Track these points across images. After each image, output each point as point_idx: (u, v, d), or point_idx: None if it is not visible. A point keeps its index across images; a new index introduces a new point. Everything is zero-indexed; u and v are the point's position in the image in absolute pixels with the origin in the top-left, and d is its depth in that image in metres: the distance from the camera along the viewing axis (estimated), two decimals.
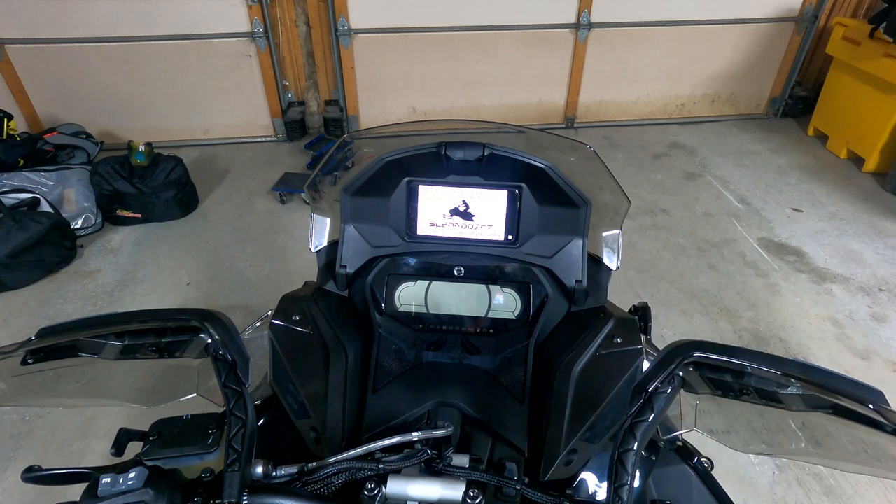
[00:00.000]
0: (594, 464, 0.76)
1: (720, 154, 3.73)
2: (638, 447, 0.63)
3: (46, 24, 3.26)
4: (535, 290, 0.88)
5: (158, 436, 0.65)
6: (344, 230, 0.92)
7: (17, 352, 0.70)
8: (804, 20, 3.85)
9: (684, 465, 0.81)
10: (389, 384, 0.85)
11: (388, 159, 0.87)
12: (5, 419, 1.90)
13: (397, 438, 0.66)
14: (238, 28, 3.46)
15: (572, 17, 3.66)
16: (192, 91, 3.65)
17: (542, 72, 3.86)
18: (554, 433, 0.74)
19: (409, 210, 0.91)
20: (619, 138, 3.95)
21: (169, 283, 2.55)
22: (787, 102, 4.14)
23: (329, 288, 0.93)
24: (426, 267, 0.91)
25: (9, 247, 2.40)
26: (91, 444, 1.81)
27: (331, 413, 0.77)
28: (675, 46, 3.87)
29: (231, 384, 0.66)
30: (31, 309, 2.40)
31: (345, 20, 3.46)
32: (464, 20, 3.58)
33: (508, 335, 0.88)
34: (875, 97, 3.25)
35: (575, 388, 0.75)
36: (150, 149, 2.91)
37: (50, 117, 3.54)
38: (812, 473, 1.73)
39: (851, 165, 3.51)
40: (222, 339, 0.68)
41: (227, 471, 0.59)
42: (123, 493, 0.55)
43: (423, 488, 0.64)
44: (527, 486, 0.65)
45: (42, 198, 2.69)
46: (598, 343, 0.77)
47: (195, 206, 3.11)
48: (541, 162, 0.85)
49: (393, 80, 3.76)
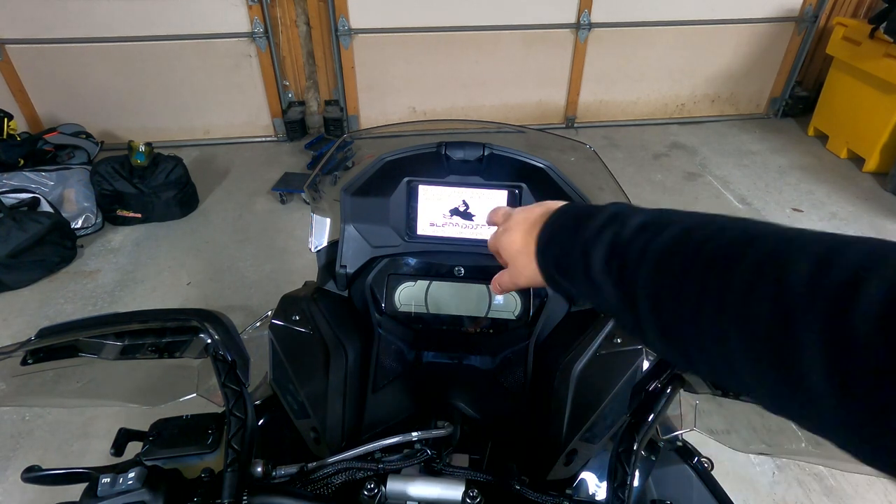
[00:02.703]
0: (594, 464, 0.76)
1: (720, 154, 3.73)
2: (638, 447, 0.63)
3: (46, 24, 3.26)
4: (535, 290, 0.88)
5: (158, 436, 0.65)
6: (344, 230, 0.92)
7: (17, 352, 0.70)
8: (804, 20, 3.85)
9: (684, 465, 0.81)
10: (389, 384, 0.85)
11: (388, 159, 0.87)
12: (5, 419, 1.90)
13: (397, 438, 0.66)
14: (238, 28, 3.45)
15: (572, 17, 3.66)
16: (192, 91, 3.65)
17: (542, 72, 3.86)
18: (554, 433, 0.74)
19: (409, 210, 0.91)
20: (620, 138, 3.95)
21: (169, 283, 2.55)
22: (787, 102, 4.14)
23: (329, 288, 0.93)
24: (426, 267, 0.91)
25: (9, 247, 2.40)
26: (91, 444, 1.81)
27: (331, 413, 0.77)
28: (676, 46, 3.87)
29: (231, 384, 0.66)
30: (31, 309, 2.40)
31: (345, 20, 3.45)
32: (464, 20, 3.58)
33: (508, 335, 0.88)
34: (875, 97, 3.25)
35: (575, 388, 0.75)
36: (151, 149, 2.91)
37: (50, 117, 3.54)
38: (812, 473, 1.73)
39: (851, 165, 3.51)
40: (222, 339, 0.68)
41: (227, 471, 0.59)
42: (123, 493, 0.55)
43: (422, 488, 0.64)
44: (527, 486, 0.65)
45: (42, 198, 2.69)
46: (597, 343, 0.77)
47: (195, 206, 3.11)
48: (541, 162, 0.85)
49: (393, 80, 3.76)
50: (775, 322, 0.27)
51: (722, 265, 0.32)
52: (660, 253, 0.37)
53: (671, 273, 0.35)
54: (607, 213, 0.44)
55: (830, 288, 0.25)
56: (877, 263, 0.25)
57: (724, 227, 0.35)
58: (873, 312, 0.24)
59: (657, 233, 0.38)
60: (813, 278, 0.27)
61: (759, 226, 0.34)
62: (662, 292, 0.36)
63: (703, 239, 0.35)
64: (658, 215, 0.41)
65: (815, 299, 0.26)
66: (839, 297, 0.25)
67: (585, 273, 0.43)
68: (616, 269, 0.40)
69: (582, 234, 0.44)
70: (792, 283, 0.27)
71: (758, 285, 0.29)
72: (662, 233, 0.38)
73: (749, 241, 0.32)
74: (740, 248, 0.32)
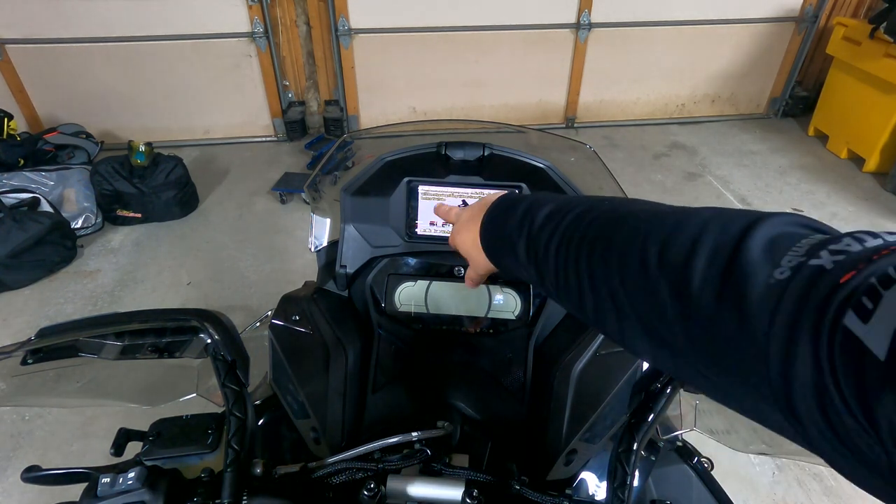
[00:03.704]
0: (594, 464, 0.76)
1: (720, 154, 3.73)
2: (637, 447, 0.63)
3: (46, 24, 3.26)
4: (535, 289, 0.88)
5: (158, 436, 0.65)
6: (344, 230, 0.92)
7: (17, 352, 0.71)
8: (804, 20, 3.85)
9: (684, 465, 0.81)
10: (389, 384, 0.85)
11: (388, 159, 0.87)
12: (5, 419, 1.90)
13: (397, 438, 0.66)
14: (238, 28, 3.46)
15: (572, 17, 3.66)
16: (192, 91, 3.65)
17: (542, 72, 3.86)
18: (554, 433, 0.74)
19: (409, 210, 0.91)
20: (620, 138, 3.95)
21: (169, 283, 2.55)
22: (787, 102, 4.14)
23: (329, 288, 0.93)
24: (426, 267, 0.91)
25: (9, 247, 2.40)
26: (91, 444, 1.81)
27: (331, 413, 0.77)
28: (676, 46, 3.87)
29: (231, 384, 0.66)
30: (31, 309, 2.40)
31: (345, 20, 3.46)
32: (464, 20, 3.58)
33: (508, 335, 0.88)
34: (875, 97, 3.25)
35: (575, 388, 0.75)
36: (151, 149, 2.91)
37: (50, 117, 3.54)
38: (812, 473, 1.73)
39: (852, 165, 3.51)
40: (222, 339, 0.68)
41: (227, 471, 0.59)
42: (123, 493, 0.55)
43: (422, 488, 0.64)
44: (527, 486, 0.65)
45: (42, 198, 2.69)
46: (597, 343, 0.77)
47: (195, 206, 3.11)
48: (541, 162, 0.85)
49: (393, 80, 3.76)
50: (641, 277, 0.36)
51: (602, 242, 0.41)
52: (560, 237, 0.45)
53: (568, 249, 0.44)
54: (523, 208, 0.51)
55: (675, 257, 0.34)
56: (705, 232, 0.33)
57: (607, 209, 0.43)
58: (700, 273, 0.32)
59: (559, 221, 0.46)
60: (661, 251, 0.35)
61: (632, 205, 0.42)
62: (567, 264, 0.44)
63: (589, 221, 0.43)
64: (562, 204, 0.48)
65: (665, 265, 0.35)
66: (680, 264, 0.33)
67: (517, 261, 0.51)
68: (533, 255, 0.48)
69: (507, 228, 0.52)
70: (649, 254, 0.36)
71: (627, 254, 0.38)
72: (563, 221, 0.46)
73: (621, 220, 0.41)
74: (615, 227, 0.41)
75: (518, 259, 0.50)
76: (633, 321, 0.38)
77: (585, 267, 0.42)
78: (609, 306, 0.40)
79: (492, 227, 0.56)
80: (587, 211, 0.44)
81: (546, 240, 0.46)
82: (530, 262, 0.49)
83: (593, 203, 0.45)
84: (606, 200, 0.45)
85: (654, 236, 0.36)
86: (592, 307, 0.42)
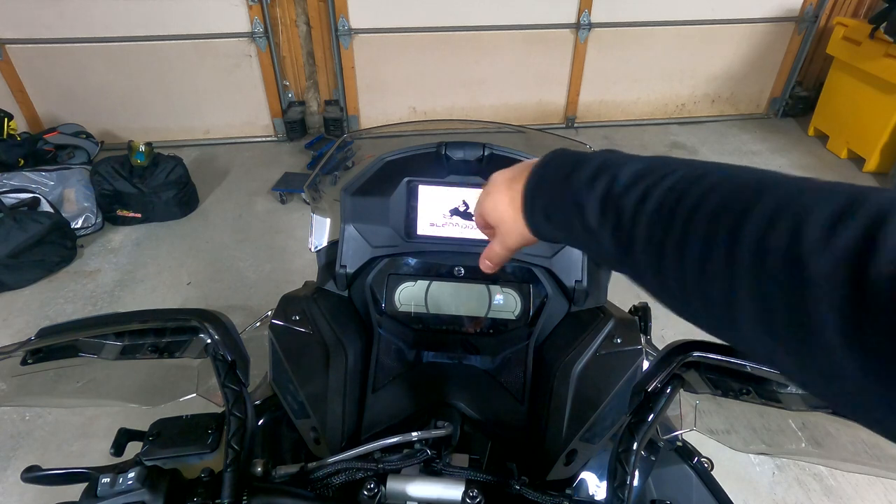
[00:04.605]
0: (594, 464, 0.76)
1: (720, 154, 3.73)
2: (638, 447, 0.63)
3: (46, 24, 3.26)
4: (535, 290, 0.88)
5: (158, 436, 0.65)
6: (344, 230, 0.92)
7: (17, 352, 0.70)
8: (804, 20, 3.85)
9: (684, 465, 0.81)
10: (389, 384, 0.85)
11: (388, 159, 0.87)
12: (5, 419, 1.90)
13: (397, 438, 0.66)
14: (238, 28, 3.46)
15: (572, 16, 3.66)
16: (192, 91, 3.65)
17: (542, 72, 3.86)
18: (554, 433, 0.74)
19: (409, 210, 0.91)
20: (620, 138, 3.95)
21: (169, 283, 2.55)
22: (787, 102, 4.14)
23: (329, 288, 0.93)
24: (426, 267, 0.91)
25: (9, 247, 2.40)
26: (91, 444, 1.81)
27: (331, 413, 0.77)
28: (675, 46, 3.87)
29: (231, 384, 0.66)
30: (31, 309, 2.40)
31: (345, 20, 3.46)
32: (464, 20, 3.58)
33: (508, 335, 0.88)
34: (875, 97, 3.25)
35: (575, 388, 0.75)
36: (151, 149, 2.91)
37: (50, 117, 3.54)
38: (812, 473, 1.73)
39: (852, 165, 3.51)
40: (222, 339, 0.68)
41: (227, 471, 0.59)
42: (123, 493, 0.55)
43: (422, 488, 0.64)
44: (526, 486, 0.65)
45: (42, 198, 2.69)
46: (597, 343, 0.77)
47: (195, 206, 3.11)
48: None
49: (393, 80, 3.76)
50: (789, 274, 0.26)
51: (730, 217, 0.30)
52: (659, 204, 0.34)
53: (673, 225, 0.33)
54: (598, 161, 0.41)
55: (848, 240, 0.24)
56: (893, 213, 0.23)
57: (728, 175, 0.33)
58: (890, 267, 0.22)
59: (654, 183, 0.36)
60: (829, 230, 0.25)
61: (767, 174, 0.31)
62: (665, 243, 0.33)
63: (706, 188, 0.32)
64: (653, 163, 0.38)
65: (831, 252, 0.24)
66: (856, 250, 0.23)
67: (581, 224, 0.41)
68: (612, 220, 0.38)
69: (572, 184, 0.41)
70: (807, 235, 0.25)
71: (770, 237, 0.27)
72: (661, 182, 0.35)
73: (760, 191, 0.30)
74: (750, 198, 0.29)
75: (585, 222, 0.40)
76: (760, 313, 0.28)
77: (700, 247, 0.31)
78: (734, 301, 0.29)
79: (546, 183, 0.45)
80: (702, 175, 0.34)
81: (636, 200, 0.36)
82: (604, 226, 0.39)
83: (703, 168, 0.35)
84: (719, 166, 0.35)
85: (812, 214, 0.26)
86: (702, 295, 0.31)
